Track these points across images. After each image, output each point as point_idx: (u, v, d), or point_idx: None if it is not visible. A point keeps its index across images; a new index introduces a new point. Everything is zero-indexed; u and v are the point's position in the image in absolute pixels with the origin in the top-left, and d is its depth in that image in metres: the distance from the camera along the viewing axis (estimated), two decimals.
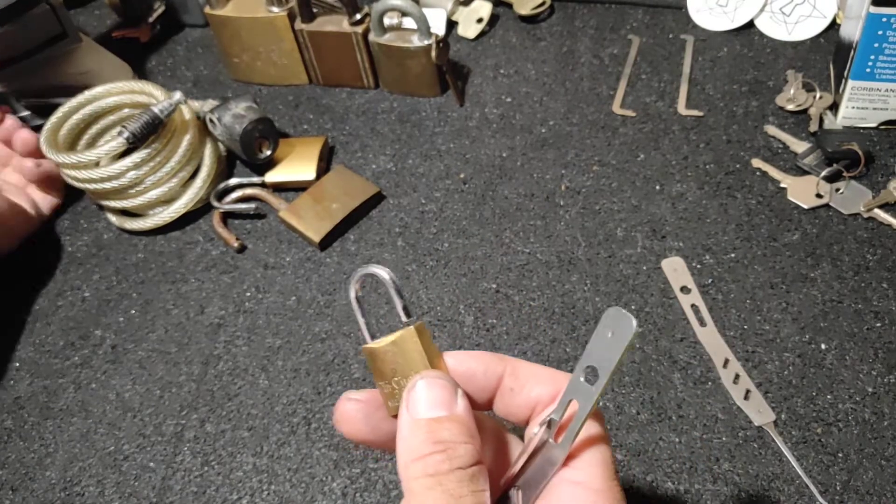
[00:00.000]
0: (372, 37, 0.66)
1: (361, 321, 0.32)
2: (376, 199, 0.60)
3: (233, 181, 0.62)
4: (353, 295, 0.31)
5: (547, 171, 0.61)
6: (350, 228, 0.59)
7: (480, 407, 0.31)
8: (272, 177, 0.62)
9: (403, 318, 0.31)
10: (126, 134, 0.56)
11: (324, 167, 0.63)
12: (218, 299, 0.55)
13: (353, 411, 0.31)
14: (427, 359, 0.30)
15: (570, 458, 0.29)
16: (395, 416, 0.30)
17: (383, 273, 0.31)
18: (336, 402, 0.31)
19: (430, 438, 0.28)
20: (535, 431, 0.29)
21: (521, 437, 0.32)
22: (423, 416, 0.28)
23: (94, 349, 0.54)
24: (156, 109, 0.57)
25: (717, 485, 0.42)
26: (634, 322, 0.26)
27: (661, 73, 0.68)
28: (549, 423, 0.29)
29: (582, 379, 0.28)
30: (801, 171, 0.58)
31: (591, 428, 0.29)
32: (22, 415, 0.51)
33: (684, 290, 0.52)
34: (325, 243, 0.58)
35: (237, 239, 0.58)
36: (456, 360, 0.31)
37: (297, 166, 0.62)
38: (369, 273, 0.31)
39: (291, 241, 0.59)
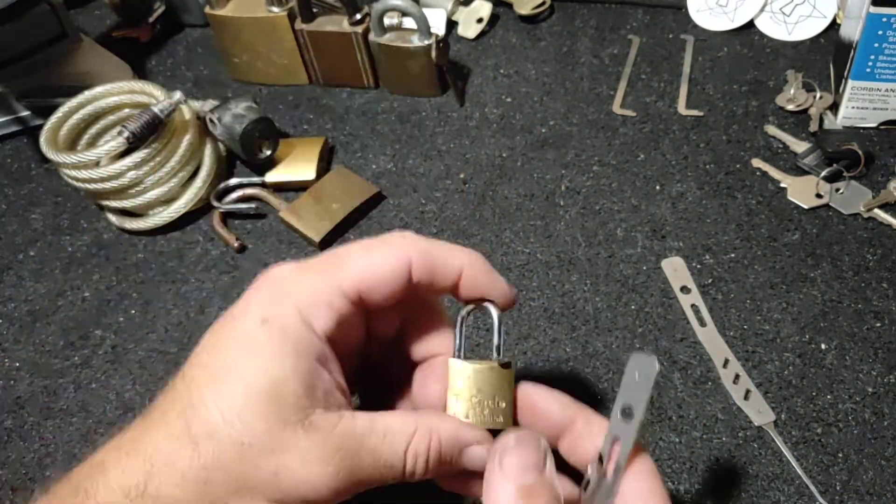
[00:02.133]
0: (372, 37, 0.66)
1: (459, 338, 0.35)
2: (376, 200, 0.60)
3: (233, 181, 0.62)
4: (462, 314, 0.35)
5: (547, 171, 0.61)
6: (350, 228, 0.59)
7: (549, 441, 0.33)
8: (272, 177, 0.62)
9: (494, 355, 0.35)
10: (126, 134, 0.56)
11: (324, 167, 0.63)
12: (218, 299, 0.55)
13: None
14: (514, 401, 0.35)
15: (630, 492, 0.30)
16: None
17: (493, 310, 0.35)
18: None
19: (524, 500, 0.29)
20: (589, 471, 0.31)
21: None
22: (513, 477, 0.29)
23: (94, 349, 0.54)
24: (156, 109, 0.57)
25: (717, 485, 0.42)
26: (656, 364, 0.28)
27: (661, 73, 0.68)
28: (600, 459, 0.31)
29: (619, 417, 0.30)
30: (801, 171, 0.58)
31: (643, 464, 0.30)
32: (22, 415, 0.51)
33: (684, 290, 0.52)
34: (325, 243, 0.58)
35: (237, 239, 0.58)
36: (539, 396, 0.34)
37: (297, 166, 0.62)
38: (482, 308, 0.35)
39: (291, 241, 0.59)
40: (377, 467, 0.30)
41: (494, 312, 0.35)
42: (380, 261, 0.32)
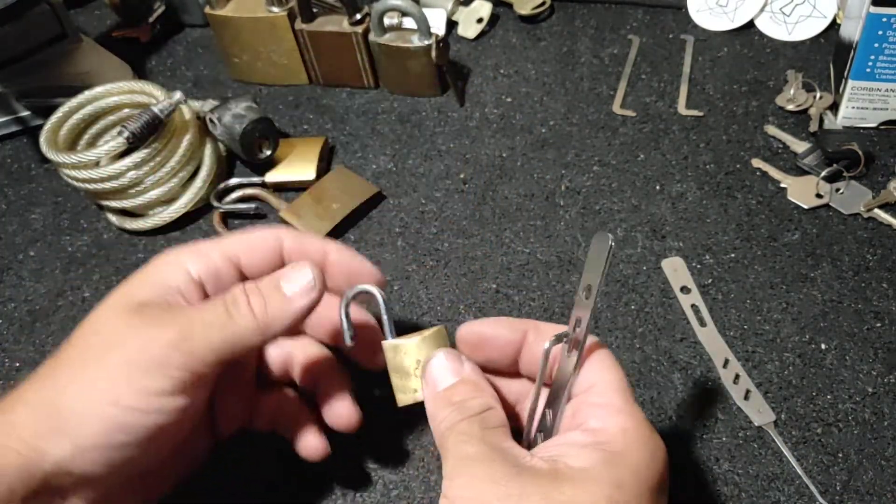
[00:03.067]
0: (372, 37, 0.66)
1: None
2: (376, 199, 0.60)
3: (233, 181, 0.62)
4: (347, 298, 0.37)
5: (547, 171, 0.61)
6: (350, 228, 0.59)
7: (504, 368, 0.37)
8: (272, 177, 0.62)
9: (389, 337, 0.37)
10: (126, 134, 0.56)
11: (324, 167, 0.63)
12: None
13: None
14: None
15: (589, 386, 0.33)
16: (407, 405, 0.36)
17: (376, 291, 0.37)
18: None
19: (447, 403, 0.33)
20: (546, 347, 0.33)
21: None
22: (440, 388, 0.34)
23: None
24: (156, 109, 0.57)
25: (717, 485, 0.42)
26: (610, 239, 0.31)
27: (661, 73, 0.68)
28: (563, 340, 0.33)
29: (582, 295, 0.32)
30: (801, 171, 0.58)
31: (603, 359, 0.34)
32: None
33: (684, 290, 0.52)
34: None
35: None
36: (485, 326, 0.36)
37: (297, 166, 0.62)
38: (364, 291, 0.37)
39: None
40: (213, 321, 0.35)
41: (378, 293, 0.37)
42: (256, 235, 0.39)
